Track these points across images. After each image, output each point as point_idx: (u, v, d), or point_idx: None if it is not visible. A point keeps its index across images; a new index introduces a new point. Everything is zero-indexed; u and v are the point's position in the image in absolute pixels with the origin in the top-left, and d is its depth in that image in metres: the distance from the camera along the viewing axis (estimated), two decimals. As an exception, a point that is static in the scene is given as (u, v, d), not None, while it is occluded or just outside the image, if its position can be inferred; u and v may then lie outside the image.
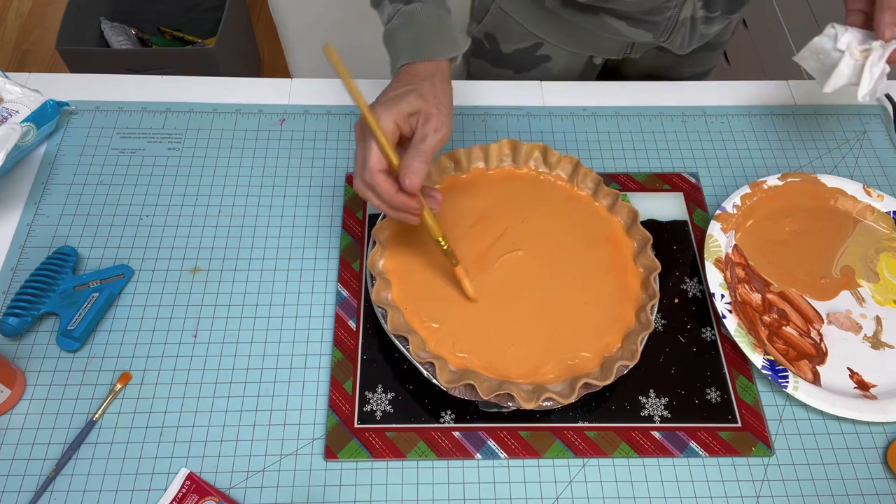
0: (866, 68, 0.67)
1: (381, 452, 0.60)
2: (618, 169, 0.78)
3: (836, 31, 0.68)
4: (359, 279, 0.69)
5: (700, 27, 0.80)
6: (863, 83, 0.67)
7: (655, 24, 0.79)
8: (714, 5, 0.78)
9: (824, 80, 0.70)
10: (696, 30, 0.81)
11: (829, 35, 0.69)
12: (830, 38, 0.69)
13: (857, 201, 0.75)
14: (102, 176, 0.75)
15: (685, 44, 0.82)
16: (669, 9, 0.77)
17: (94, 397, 0.62)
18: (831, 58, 0.69)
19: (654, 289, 0.63)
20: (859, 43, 0.67)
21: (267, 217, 0.73)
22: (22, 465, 0.59)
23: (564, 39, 0.86)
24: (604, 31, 0.82)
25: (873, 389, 0.64)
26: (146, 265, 0.69)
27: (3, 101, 0.76)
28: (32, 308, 0.64)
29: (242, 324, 0.67)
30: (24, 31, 2.09)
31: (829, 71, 0.69)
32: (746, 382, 0.65)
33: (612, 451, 0.61)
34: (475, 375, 0.59)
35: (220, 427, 0.61)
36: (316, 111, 0.82)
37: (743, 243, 0.72)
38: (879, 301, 0.69)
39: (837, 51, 0.68)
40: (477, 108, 0.83)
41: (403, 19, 0.60)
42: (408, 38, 0.60)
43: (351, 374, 0.64)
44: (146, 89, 0.82)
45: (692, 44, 0.83)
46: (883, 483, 0.61)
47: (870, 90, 0.68)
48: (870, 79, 0.67)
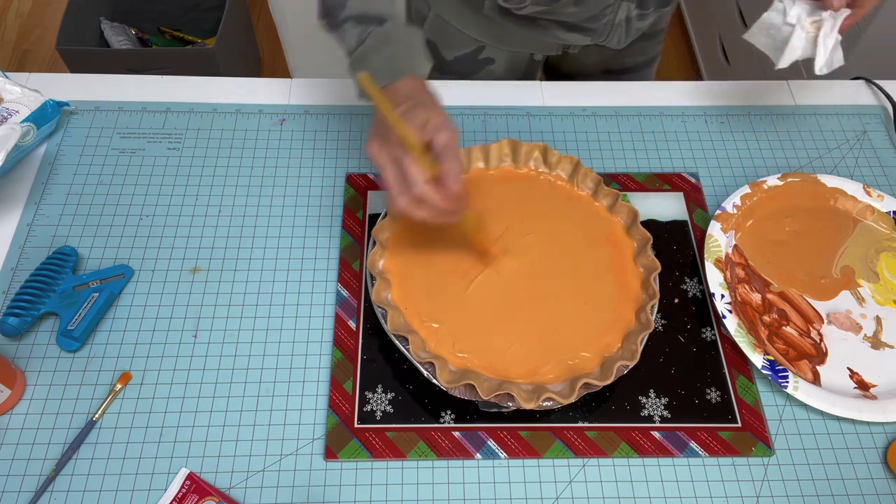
0: (820, 40, 0.67)
1: (381, 452, 0.60)
2: (618, 169, 0.78)
3: (784, 4, 0.68)
4: (359, 279, 0.69)
5: (635, 24, 0.82)
6: (818, 56, 0.67)
7: (593, 30, 0.81)
8: (647, 3, 0.79)
9: (778, 56, 0.69)
10: (632, 27, 0.82)
11: (777, 9, 0.68)
12: (779, 13, 0.68)
13: (857, 201, 0.75)
14: (102, 176, 0.75)
15: (622, 40, 0.84)
16: (606, 15, 0.78)
17: (94, 397, 0.62)
18: (782, 32, 0.69)
19: (654, 289, 0.63)
20: (808, 14, 0.67)
21: (267, 217, 0.73)
22: (22, 465, 0.59)
23: (505, 42, 0.87)
24: (542, 37, 0.83)
25: (873, 389, 0.64)
26: (146, 265, 0.70)
27: (3, 101, 0.76)
28: (32, 308, 0.64)
29: (242, 324, 0.67)
30: (24, 31, 2.09)
31: (782, 46, 0.69)
32: (746, 382, 0.65)
33: (612, 451, 0.61)
34: (475, 375, 0.59)
35: (220, 427, 0.61)
36: (316, 111, 0.82)
37: (743, 243, 0.72)
38: (879, 301, 0.69)
39: (788, 25, 0.68)
40: (477, 108, 0.83)
41: (378, 41, 0.60)
42: (384, 59, 0.60)
43: (351, 374, 0.64)
44: (146, 89, 0.82)
45: (629, 39, 0.84)
46: (883, 483, 0.61)
47: (826, 61, 0.67)
48: (824, 50, 0.67)
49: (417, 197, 0.54)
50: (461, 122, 0.81)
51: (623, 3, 0.77)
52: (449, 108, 0.82)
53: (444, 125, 0.55)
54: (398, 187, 0.54)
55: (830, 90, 0.87)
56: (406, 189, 0.54)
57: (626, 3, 0.77)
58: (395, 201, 0.55)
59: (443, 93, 0.83)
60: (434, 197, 0.54)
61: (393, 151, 0.54)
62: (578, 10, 0.76)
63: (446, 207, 0.55)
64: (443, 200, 0.54)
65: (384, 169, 0.55)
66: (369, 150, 0.55)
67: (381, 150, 0.55)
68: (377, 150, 0.55)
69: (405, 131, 0.52)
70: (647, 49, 0.95)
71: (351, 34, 0.62)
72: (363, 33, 0.61)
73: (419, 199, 0.54)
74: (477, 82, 0.85)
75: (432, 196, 0.54)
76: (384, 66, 0.59)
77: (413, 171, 0.53)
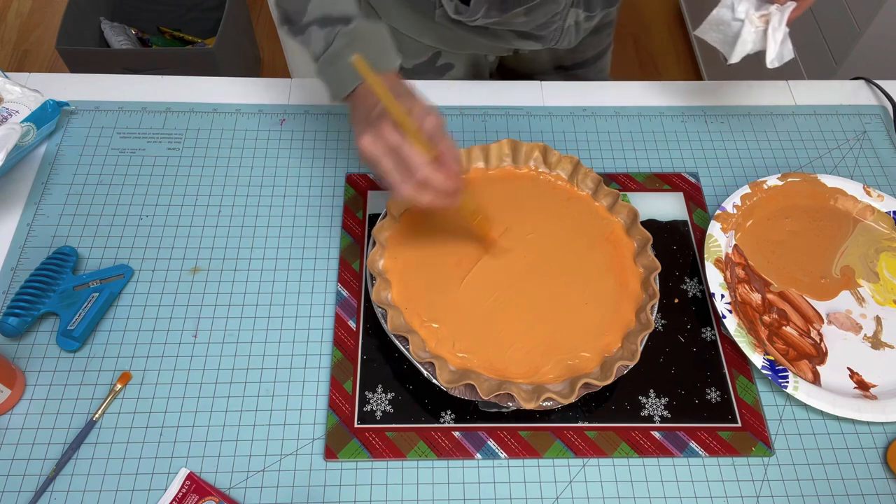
0: (769, 34, 0.67)
1: (381, 452, 0.60)
2: (618, 169, 0.78)
3: (731, 0, 0.68)
4: (359, 279, 0.69)
5: (583, 24, 0.83)
6: (769, 49, 0.68)
7: (543, 36, 0.81)
8: (593, 6, 0.80)
9: (729, 52, 0.70)
10: (580, 28, 0.83)
11: (726, 5, 0.69)
12: (728, 9, 0.69)
13: (857, 201, 0.75)
14: (102, 176, 0.75)
15: (572, 42, 0.85)
16: (555, 22, 0.79)
17: (94, 397, 0.62)
18: (732, 28, 0.69)
19: (654, 289, 0.63)
20: (756, 9, 0.68)
21: (267, 217, 0.73)
22: (22, 465, 0.59)
23: (459, 47, 0.87)
24: (495, 43, 0.84)
25: (873, 389, 0.64)
26: (146, 265, 0.69)
27: (3, 101, 0.76)
28: (32, 308, 0.64)
29: (242, 324, 0.67)
30: (24, 31, 2.09)
31: (733, 41, 0.69)
32: (746, 382, 0.65)
33: (612, 451, 0.61)
34: (475, 375, 0.59)
35: (220, 427, 0.61)
36: (316, 111, 0.82)
37: (743, 243, 0.72)
38: (879, 301, 0.69)
39: (737, 20, 0.68)
40: (477, 108, 0.83)
41: (347, 40, 0.60)
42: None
43: (351, 374, 0.64)
44: (146, 89, 0.82)
45: (578, 39, 0.85)
46: (883, 483, 0.61)
47: (776, 54, 0.68)
48: (774, 44, 0.68)
49: (421, 181, 0.53)
50: (461, 122, 0.81)
51: (571, 10, 0.78)
52: (448, 108, 0.82)
53: (429, 110, 0.55)
54: (400, 175, 0.54)
55: (830, 90, 0.87)
56: (409, 175, 0.53)
57: (574, 9, 0.78)
58: (400, 189, 0.54)
59: (443, 93, 0.83)
60: (438, 177, 0.53)
61: (388, 141, 0.53)
62: (528, 19, 0.77)
63: (450, 187, 0.54)
64: (449, 180, 0.54)
65: (381, 160, 0.54)
66: (362, 145, 0.54)
67: (375, 143, 0.54)
68: (371, 143, 0.54)
69: (404, 115, 0.52)
70: (596, 43, 0.96)
71: (317, 37, 0.62)
72: (330, 35, 0.61)
73: (423, 182, 0.53)
74: (477, 82, 0.85)
75: (436, 177, 0.53)
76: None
77: (414, 154, 0.53)
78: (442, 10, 0.78)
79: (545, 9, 0.76)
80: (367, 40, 0.61)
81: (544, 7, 0.76)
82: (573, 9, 0.79)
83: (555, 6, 0.77)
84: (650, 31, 2.17)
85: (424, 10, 0.80)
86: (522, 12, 0.75)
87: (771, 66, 0.68)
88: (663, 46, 2.13)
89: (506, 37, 0.82)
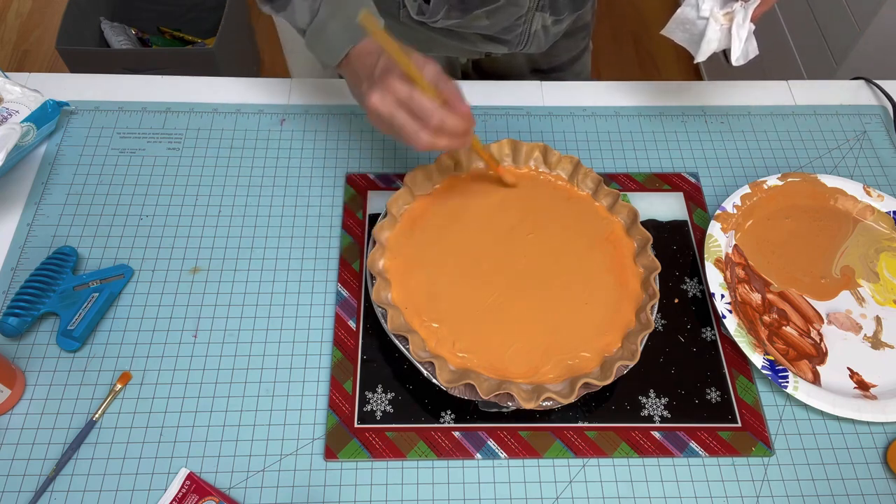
0: (733, 32, 0.67)
1: (381, 452, 0.60)
2: (618, 169, 0.78)
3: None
4: (359, 279, 0.69)
5: (552, 29, 0.82)
6: (733, 47, 0.68)
7: (508, 40, 0.81)
8: (559, 9, 0.79)
9: (696, 50, 0.70)
10: (549, 32, 0.83)
11: (690, 4, 0.69)
12: (693, 7, 0.69)
13: (857, 201, 0.75)
14: (102, 176, 0.75)
15: (542, 46, 0.84)
16: (519, 26, 0.79)
17: (94, 397, 0.62)
18: (697, 26, 0.69)
19: (654, 289, 0.63)
20: (720, 7, 0.68)
21: (267, 217, 0.73)
22: (22, 465, 0.59)
23: (429, 48, 0.86)
24: (462, 45, 0.84)
25: (873, 389, 0.64)
26: (146, 265, 0.69)
27: (3, 101, 0.76)
28: (32, 308, 0.64)
29: (242, 324, 0.67)
30: (24, 31, 2.09)
31: (699, 40, 0.69)
32: (746, 382, 0.65)
33: (612, 451, 0.61)
34: (475, 375, 0.59)
35: (220, 427, 0.61)
36: (316, 111, 0.82)
37: (743, 243, 0.72)
38: (879, 301, 0.69)
39: (702, 18, 0.68)
40: (477, 108, 0.83)
41: (331, 8, 0.60)
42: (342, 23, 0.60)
43: (351, 374, 0.64)
44: (146, 89, 0.82)
45: (548, 43, 0.85)
46: (883, 483, 0.61)
47: (742, 52, 0.68)
48: (739, 42, 0.68)
49: (437, 125, 0.54)
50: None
51: (536, 14, 0.78)
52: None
53: (426, 59, 0.55)
54: (416, 124, 0.54)
55: (830, 90, 0.87)
56: (424, 123, 0.54)
57: (540, 13, 0.78)
58: (418, 138, 0.55)
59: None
60: (452, 119, 0.54)
61: (398, 95, 0.54)
62: (490, 23, 0.77)
63: (463, 128, 0.55)
64: (463, 119, 0.55)
65: (394, 115, 0.54)
66: (372, 103, 0.55)
67: (384, 98, 0.54)
68: (380, 101, 0.55)
69: (411, 64, 0.53)
70: (572, 46, 0.95)
71: (301, 8, 0.62)
72: (314, 4, 0.61)
73: (439, 127, 0.54)
74: (477, 82, 0.85)
75: (450, 119, 0.54)
76: (346, 29, 0.60)
77: (426, 102, 0.53)
78: (405, 11, 0.78)
79: (507, 12, 0.76)
80: (352, 4, 0.61)
81: (506, 10, 0.76)
82: (538, 13, 0.78)
83: (517, 9, 0.76)
84: (650, 31, 2.17)
85: (390, 11, 0.80)
86: (483, 15, 0.75)
87: (736, 63, 0.68)
88: (663, 46, 2.13)
89: (472, 39, 0.82)
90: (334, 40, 0.60)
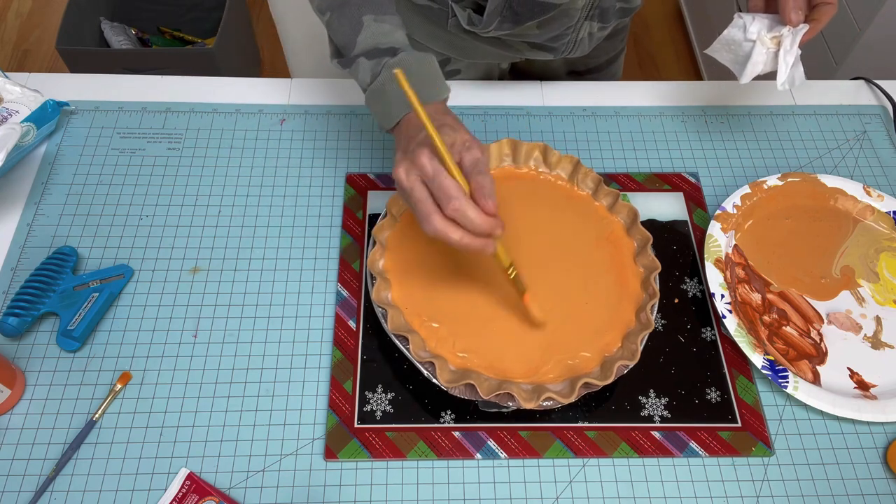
0: (780, 57, 0.67)
1: (381, 452, 0.60)
2: (618, 169, 0.78)
3: (744, 20, 0.68)
4: (359, 279, 0.69)
5: (597, 35, 0.82)
6: (779, 72, 0.67)
7: (556, 48, 0.81)
8: (607, 17, 0.79)
9: (740, 71, 0.69)
10: (593, 38, 0.82)
11: (738, 25, 0.68)
12: (740, 29, 0.68)
13: (857, 201, 0.75)
14: (102, 176, 0.75)
15: (585, 51, 0.84)
16: (567, 34, 0.79)
17: (94, 397, 0.62)
18: (744, 48, 0.69)
19: (655, 288, 0.63)
20: (768, 30, 0.67)
21: (267, 217, 0.73)
22: (22, 465, 0.59)
23: (470, 55, 0.86)
24: (507, 52, 0.83)
25: (873, 389, 0.64)
26: (146, 265, 0.69)
27: (3, 101, 0.76)
28: (32, 308, 0.64)
29: (242, 324, 0.67)
30: (24, 31, 2.09)
31: (744, 62, 0.69)
32: (746, 382, 0.65)
33: (612, 451, 0.61)
34: (475, 375, 0.59)
35: (220, 427, 0.61)
36: (316, 111, 0.82)
37: (743, 243, 0.72)
38: (879, 301, 0.69)
39: (748, 41, 0.68)
40: (477, 108, 0.83)
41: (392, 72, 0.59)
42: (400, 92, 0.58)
43: (351, 374, 0.64)
44: (146, 89, 0.82)
45: (591, 47, 0.84)
46: (883, 483, 0.61)
47: (787, 78, 0.68)
48: (785, 67, 0.67)
49: (453, 212, 0.50)
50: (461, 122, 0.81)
51: (585, 23, 0.78)
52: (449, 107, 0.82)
53: (473, 143, 0.53)
54: (431, 205, 0.51)
55: (830, 90, 0.87)
56: (439, 207, 0.51)
57: (588, 21, 0.78)
58: (429, 220, 0.51)
59: (443, 93, 0.83)
60: (472, 211, 0.50)
61: (423, 171, 0.51)
62: (541, 32, 0.77)
63: (482, 226, 0.51)
64: (482, 218, 0.51)
65: (413, 190, 0.52)
66: (396, 173, 0.53)
67: (409, 172, 0.52)
68: (405, 174, 0.52)
69: (441, 142, 0.51)
70: (610, 48, 0.95)
71: (364, 68, 0.61)
72: (377, 66, 0.60)
73: (455, 213, 0.50)
74: (477, 82, 0.85)
75: (471, 210, 0.50)
76: (400, 97, 0.58)
77: (448, 183, 0.50)
78: (455, 20, 0.78)
79: (558, 22, 0.76)
80: (414, 71, 0.59)
81: (558, 21, 0.76)
82: (587, 21, 0.78)
83: (568, 20, 0.76)
84: (650, 31, 2.17)
85: (437, 20, 0.80)
86: (535, 25, 0.75)
87: (781, 88, 0.67)
88: (663, 46, 2.13)
89: (518, 47, 0.82)
90: (391, 105, 0.59)
